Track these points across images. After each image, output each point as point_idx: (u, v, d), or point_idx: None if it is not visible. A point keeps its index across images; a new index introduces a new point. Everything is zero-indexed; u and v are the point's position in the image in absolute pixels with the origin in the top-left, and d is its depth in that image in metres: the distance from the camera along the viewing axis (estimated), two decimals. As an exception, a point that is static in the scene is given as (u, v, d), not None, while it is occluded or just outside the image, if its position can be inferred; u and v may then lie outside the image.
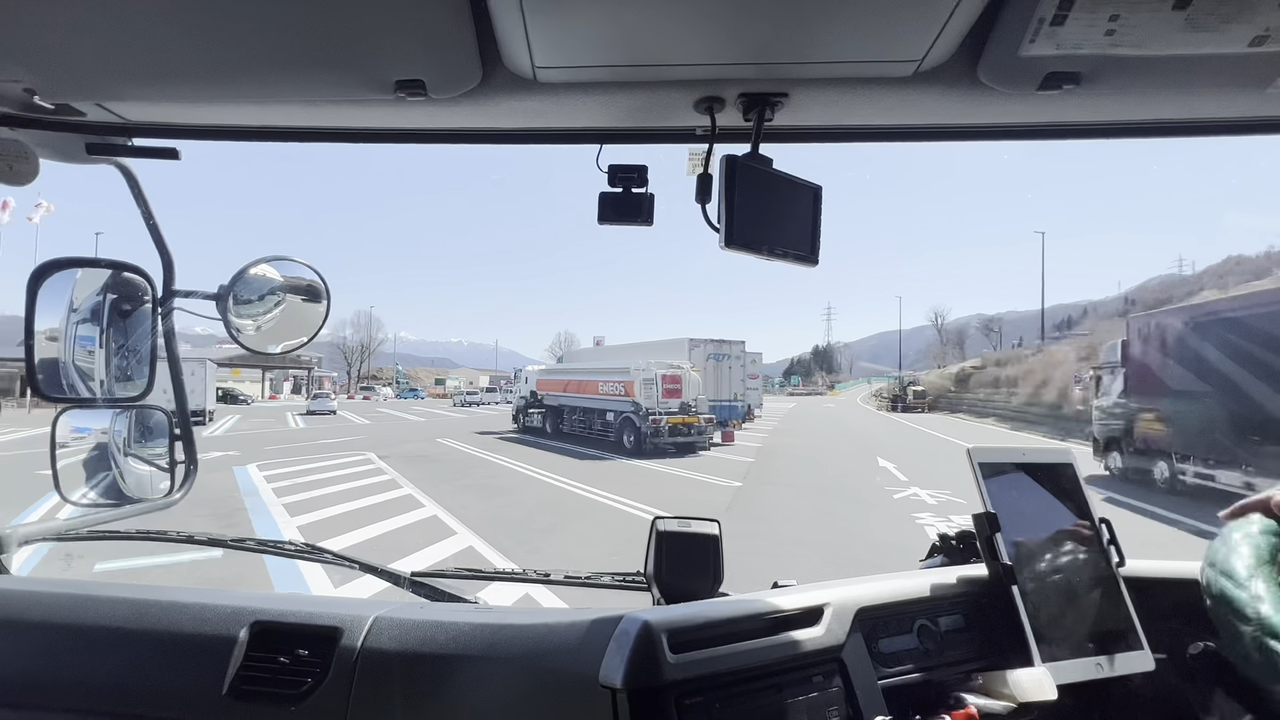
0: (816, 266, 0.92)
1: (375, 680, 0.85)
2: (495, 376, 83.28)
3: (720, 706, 0.72)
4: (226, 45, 0.77)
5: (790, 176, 0.90)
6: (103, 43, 0.77)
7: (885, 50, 0.75)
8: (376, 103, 0.88)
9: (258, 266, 1.08)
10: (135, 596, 0.97)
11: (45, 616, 0.94)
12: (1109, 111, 0.89)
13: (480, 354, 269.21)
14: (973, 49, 0.75)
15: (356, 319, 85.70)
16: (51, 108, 0.93)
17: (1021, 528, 0.94)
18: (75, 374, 1.09)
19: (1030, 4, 0.65)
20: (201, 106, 0.95)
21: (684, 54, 0.77)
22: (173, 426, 1.19)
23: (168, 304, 1.11)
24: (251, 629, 0.90)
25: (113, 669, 0.90)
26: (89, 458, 1.22)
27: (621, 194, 0.94)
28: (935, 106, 0.88)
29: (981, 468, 0.96)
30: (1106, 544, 0.98)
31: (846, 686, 0.80)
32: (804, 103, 0.87)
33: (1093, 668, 0.89)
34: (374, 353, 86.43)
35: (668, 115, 0.92)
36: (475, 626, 0.88)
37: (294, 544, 1.29)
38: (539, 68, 0.79)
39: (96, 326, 1.11)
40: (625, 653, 0.71)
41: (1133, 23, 0.65)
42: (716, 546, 1.03)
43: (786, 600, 0.85)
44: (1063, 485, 1.00)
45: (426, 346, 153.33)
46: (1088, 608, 0.93)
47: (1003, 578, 0.90)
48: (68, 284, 1.08)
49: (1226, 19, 0.63)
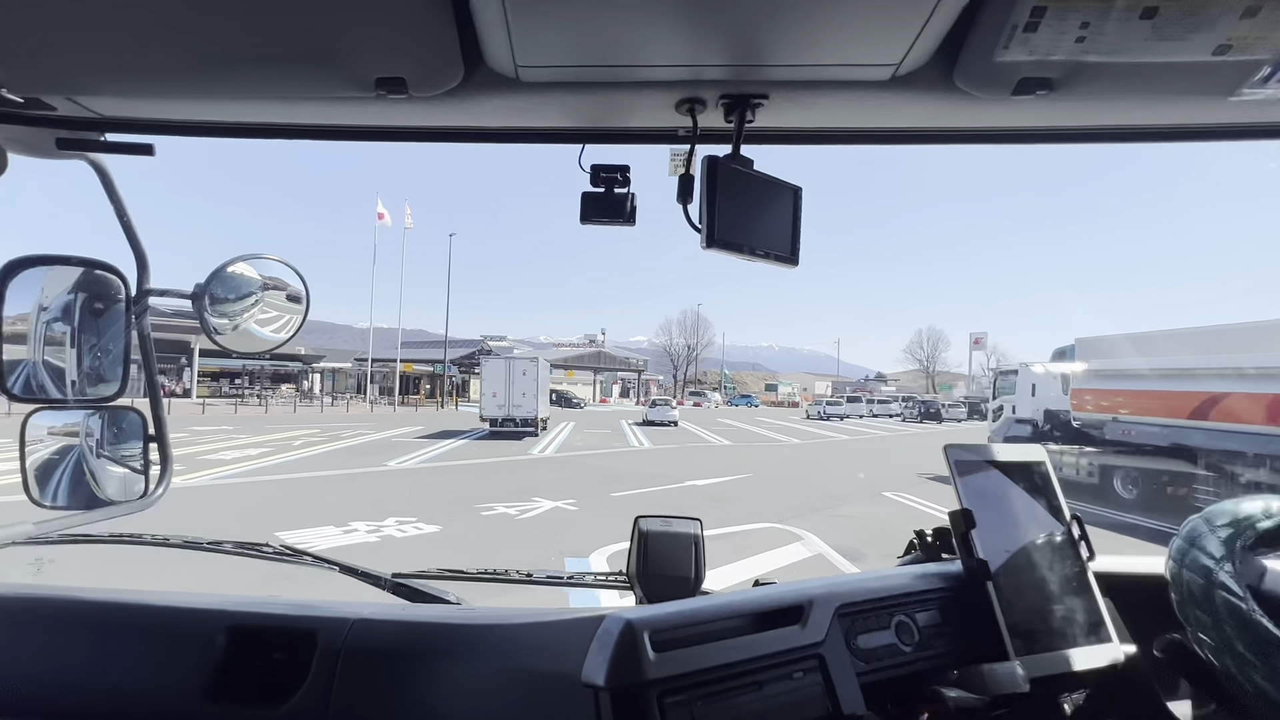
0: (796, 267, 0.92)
1: (356, 682, 0.84)
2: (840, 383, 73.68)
3: (702, 704, 0.72)
4: (204, 39, 0.75)
5: (771, 177, 0.91)
6: (75, 34, 0.75)
7: (863, 54, 0.76)
8: (357, 100, 0.88)
9: (235, 265, 1.06)
10: (110, 600, 0.95)
11: (17, 621, 0.92)
12: (1081, 117, 0.91)
13: (796, 359, 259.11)
14: (948, 54, 0.76)
15: (683, 319, 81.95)
16: (21, 101, 0.91)
17: (996, 524, 0.96)
18: (45, 374, 1.06)
19: (1004, 11, 0.66)
20: (178, 102, 0.94)
21: (666, 55, 0.77)
22: (147, 427, 1.16)
23: (142, 303, 1.10)
24: (229, 632, 0.89)
25: (87, 673, 0.88)
26: (60, 460, 1.16)
27: (604, 194, 0.95)
28: (913, 110, 0.89)
29: (957, 465, 0.97)
30: (1077, 540, 1.01)
31: (826, 682, 0.80)
32: (784, 105, 0.88)
33: (1064, 661, 0.92)
34: (699, 356, 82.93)
35: (650, 116, 0.93)
36: (457, 627, 0.88)
37: (272, 546, 1.27)
38: (521, 67, 0.79)
39: (68, 325, 1.08)
40: (607, 652, 0.70)
41: (1102, 30, 0.67)
42: (698, 545, 1.06)
43: (767, 598, 0.85)
44: (1035, 483, 1.02)
45: (736, 351, 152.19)
46: (1059, 602, 0.96)
47: (977, 574, 0.92)
48: (37, 282, 1.04)
49: (1191, 29, 0.65)
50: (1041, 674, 0.89)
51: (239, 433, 18.92)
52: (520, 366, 21.86)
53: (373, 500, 9.28)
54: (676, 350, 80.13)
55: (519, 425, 21.15)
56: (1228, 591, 0.81)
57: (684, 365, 79.14)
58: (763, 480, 12.29)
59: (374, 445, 16.96)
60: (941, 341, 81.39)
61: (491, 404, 21.30)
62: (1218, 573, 0.82)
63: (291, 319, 1.11)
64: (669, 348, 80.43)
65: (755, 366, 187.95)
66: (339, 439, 18.25)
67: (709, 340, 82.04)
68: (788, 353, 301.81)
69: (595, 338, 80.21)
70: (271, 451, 14.72)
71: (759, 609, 0.82)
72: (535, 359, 22.87)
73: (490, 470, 13.08)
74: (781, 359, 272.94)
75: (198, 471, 11.38)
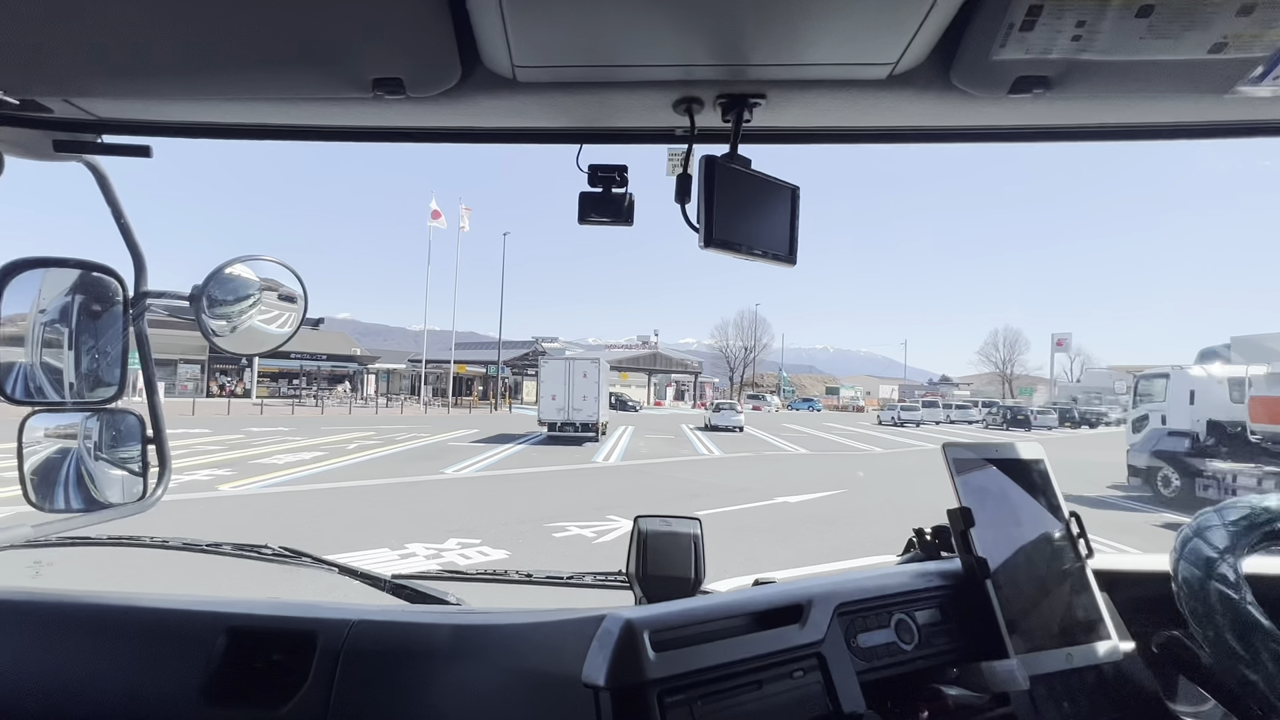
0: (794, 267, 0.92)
1: (356, 684, 0.83)
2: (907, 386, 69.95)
3: (702, 703, 0.72)
4: (200, 40, 0.75)
5: (768, 177, 0.90)
6: (71, 36, 0.74)
7: (860, 53, 0.75)
8: (354, 101, 0.87)
9: (232, 266, 1.05)
10: (109, 602, 0.94)
11: (16, 625, 0.92)
12: (1078, 115, 0.91)
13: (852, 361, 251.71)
14: (945, 53, 0.76)
15: (740, 320, 76.99)
16: (16, 103, 0.90)
17: (995, 522, 0.95)
18: (43, 376, 1.05)
19: (1000, 10, 0.66)
20: (175, 103, 0.93)
21: (663, 55, 0.77)
22: (145, 429, 1.15)
23: (139, 305, 1.09)
24: (229, 634, 0.88)
25: (86, 676, 0.87)
26: (58, 462, 1.14)
27: (602, 194, 0.94)
28: (910, 109, 0.88)
29: (955, 463, 0.97)
30: (1076, 537, 1.00)
31: (826, 681, 0.80)
32: (782, 104, 0.87)
33: (1063, 658, 0.91)
34: (757, 359, 78.03)
35: (647, 115, 0.92)
36: (457, 628, 0.87)
37: (271, 548, 1.26)
38: (518, 67, 0.78)
39: (65, 328, 1.08)
40: (607, 652, 0.70)
41: (1098, 29, 0.66)
42: (698, 545, 1.05)
43: (767, 597, 0.84)
44: (1034, 480, 1.02)
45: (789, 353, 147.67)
46: (1058, 600, 0.95)
47: (976, 571, 0.92)
48: (34, 284, 1.03)
49: (1187, 26, 0.65)
50: (1041, 671, 0.89)
51: (294, 434, 18.62)
52: (581, 368, 20.70)
53: (431, 514, 8.66)
54: (733, 352, 76.23)
55: (578, 430, 19.92)
56: (1225, 584, 0.82)
57: (740, 367, 75.56)
58: (861, 496, 10.94)
59: (429, 450, 16.35)
60: (1019, 343, 76.46)
61: (550, 407, 20.14)
62: (1219, 565, 0.83)
63: (289, 320, 1.10)
64: (725, 349, 76.43)
65: (810, 369, 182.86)
66: (393, 442, 17.69)
67: (765, 343, 78.17)
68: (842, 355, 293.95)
69: (648, 339, 77.51)
70: (326, 455, 14.25)
71: (759, 608, 0.81)
72: (596, 359, 21.69)
73: (554, 481, 12.14)
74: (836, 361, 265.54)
75: (250, 477, 10.74)
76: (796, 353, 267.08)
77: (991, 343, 77.90)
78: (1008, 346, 76.35)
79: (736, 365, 74.44)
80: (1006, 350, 76.10)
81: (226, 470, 11.44)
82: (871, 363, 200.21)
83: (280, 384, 40.71)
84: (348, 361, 44.05)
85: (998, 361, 76.41)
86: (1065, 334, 64.82)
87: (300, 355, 40.50)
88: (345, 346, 45.08)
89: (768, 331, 78.18)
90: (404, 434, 20.18)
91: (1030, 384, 71.06)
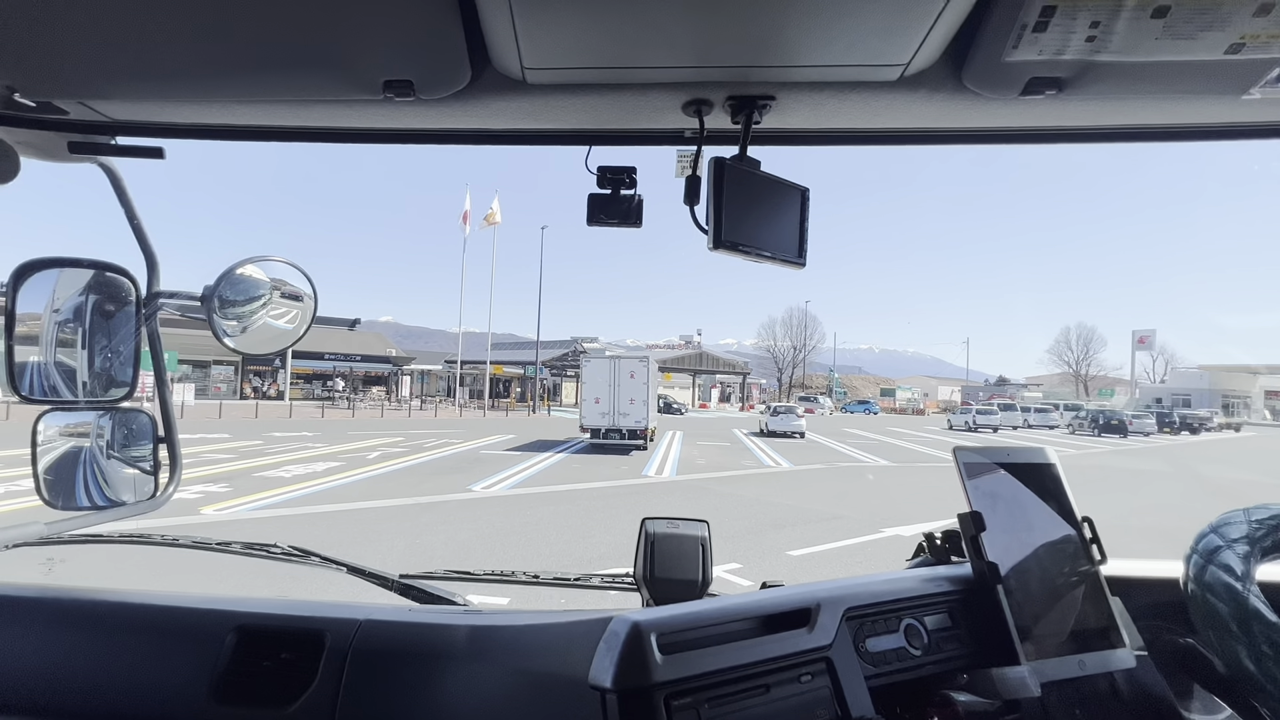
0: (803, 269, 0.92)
1: (363, 683, 0.84)
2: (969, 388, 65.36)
3: (709, 707, 0.72)
4: (213, 43, 0.76)
5: (778, 178, 0.90)
6: (86, 40, 0.76)
7: (871, 55, 0.75)
8: (365, 103, 0.88)
9: (243, 267, 1.06)
10: (119, 599, 0.96)
11: (28, 620, 0.93)
12: (1091, 117, 0.90)
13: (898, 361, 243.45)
14: (957, 54, 0.75)
15: (789, 318, 73.25)
16: (33, 105, 0.92)
17: (1006, 527, 0.94)
18: (57, 375, 1.07)
19: (1013, 10, 0.66)
20: (187, 105, 0.94)
21: (672, 57, 0.77)
22: (157, 429, 1.17)
23: (152, 305, 1.10)
24: (238, 632, 0.89)
25: (96, 672, 0.88)
26: (71, 460, 1.16)
27: (610, 195, 0.95)
28: (921, 111, 0.88)
29: (966, 468, 0.96)
30: (1088, 543, 0.99)
31: (835, 686, 0.79)
32: (791, 106, 0.87)
33: (1075, 665, 0.90)
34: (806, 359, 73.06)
35: (656, 117, 0.92)
36: (464, 629, 0.88)
37: (280, 547, 1.26)
38: (528, 69, 0.79)
39: (79, 327, 1.09)
40: (614, 654, 0.70)
41: (1113, 30, 0.66)
42: (705, 548, 1.05)
43: (775, 601, 0.84)
44: (1046, 485, 1.00)
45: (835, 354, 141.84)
46: (1070, 606, 0.94)
47: (987, 577, 0.91)
48: (49, 284, 1.05)
49: (1204, 27, 0.64)
50: (1052, 678, 0.87)
51: (317, 440, 17.23)
52: (627, 367, 18.23)
53: (445, 552, 6.72)
54: (781, 352, 72.59)
55: (625, 437, 17.63)
56: (1237, 593, 0.81)
57: (789, 368, 71.64)
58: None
59: (458, 460, 14.61)
60: (1095, 340, 71.07)
61: (593, 411, 17.88)
62: (1234, 570, 0.83)
63: (299, 320, 1.11)
64: (773, 349, 72.73)
65: (858, 370, 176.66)
66: (421, 450, 16.12)
67: (815, 343, 74.15)
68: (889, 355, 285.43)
69: (691, 338, 72.65)
70: (342, 467, 12.66)
71: (766, 612, 0.81)
72: (645, 357, 18.85)
73: (601, 501, 9.93)
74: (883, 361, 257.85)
75: (244, 496, 9.10)
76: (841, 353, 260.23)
77: (1064, 341, 72.57)
78: (1081, 345, 71.29)
79: (785, 365, 70.94)
80: (1080, 349, 70.71)
81: (222, 486, 9.92)
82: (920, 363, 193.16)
83: (314, 385, 40.11)
84: (382, 362, 43.27)
85: (1071, 361, 71.04)
86: (1148, 330, 59.45)
87: (334, 356, 39.90)
88: (380, 347, 44.47)
89: (817, 330, 74.73)
90: (434, 440, 18.66)
91: (1109, 385, 65.47)
